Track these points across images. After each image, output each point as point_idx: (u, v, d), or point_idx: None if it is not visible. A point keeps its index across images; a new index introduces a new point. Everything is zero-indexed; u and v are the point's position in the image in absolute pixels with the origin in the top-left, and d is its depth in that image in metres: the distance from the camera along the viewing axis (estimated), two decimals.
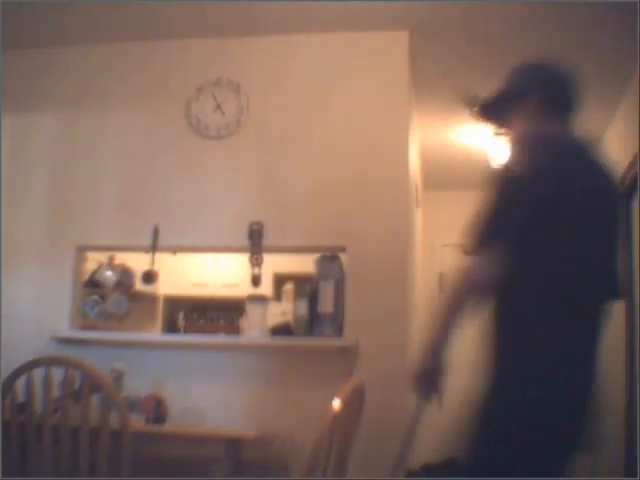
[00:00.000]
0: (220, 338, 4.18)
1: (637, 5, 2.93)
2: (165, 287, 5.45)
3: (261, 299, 3.42)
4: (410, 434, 2.05)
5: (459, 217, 6.92)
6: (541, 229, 1.67)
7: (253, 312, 3.39)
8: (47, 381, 2.17)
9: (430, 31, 3.49)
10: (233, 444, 2.67)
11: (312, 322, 3.27)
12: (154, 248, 3.48)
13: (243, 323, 3.53)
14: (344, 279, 3.28)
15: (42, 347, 3.13)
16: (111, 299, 4.29)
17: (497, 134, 4.29)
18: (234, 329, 4.35)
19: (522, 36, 3.50)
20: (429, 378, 1.86)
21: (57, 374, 2.18)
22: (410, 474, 3.41)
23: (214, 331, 5.34)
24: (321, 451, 1.65)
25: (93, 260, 4.32)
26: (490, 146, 4.80)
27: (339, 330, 3.23)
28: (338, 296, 3.24)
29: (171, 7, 3.37)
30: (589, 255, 1.72)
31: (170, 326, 5.85)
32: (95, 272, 4.45)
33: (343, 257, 3.33)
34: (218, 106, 3.59)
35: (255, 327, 3.35)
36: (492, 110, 2.05)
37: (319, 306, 3.25)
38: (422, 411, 1.99)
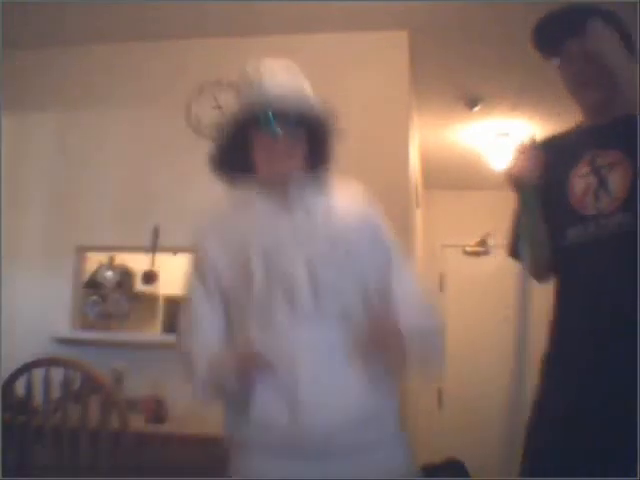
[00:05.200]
0: None
1: (637, 5, 2.93)
2: (165, 287, 5.44)
3: None
4: None
5: (459, 217, 6.96)
6: None
7: None
8: (47, 381, 2.17)
9: (430, 31, 3.49)
10: None
11: None
12: (154, 248, 3.47)
13: None
14: None
15: (42, 347, 3.12)
16: (111, 299, 4.28)
17: None
18: None
19: (522, 36, 3.49)
20: None
21: (57, 374, 2.18)
22: None
23: None
24: None
25: (93, 260, 4.31)
26: (490, 146, 4.81)
27: None
28: None
29: (171, 7, 3.37)
30: None
31: (170, 326, 5.84)
32: (95, 272, 4.44)
33: None
34: (219, 106, 3.59)
35: None
36: None
37: None
38: None
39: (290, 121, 1.51)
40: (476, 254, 6.00)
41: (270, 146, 1.52)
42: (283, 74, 1.62)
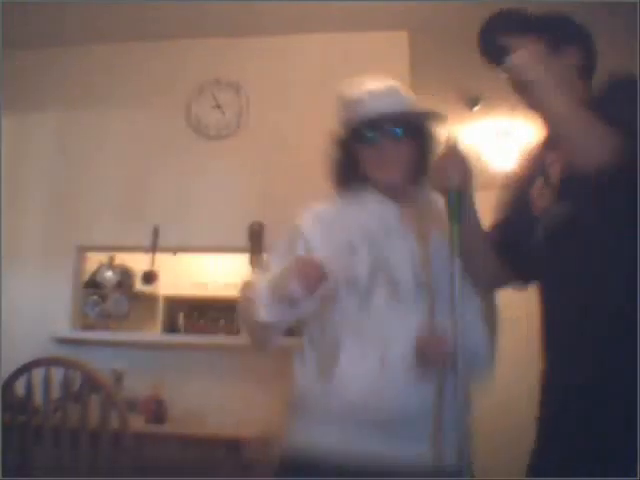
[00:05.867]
0: (220, 338, 4.18)
1: (637, 5, 2.93)
2: (165, 287, 5.44)
3: None
4: None
5: None
6: None
7: None
8: (47, 381, 2.17)
9: (430, 31, 3.49)
10: (233, 445, 2.67)
11: None
12: (154, 248, 3.48)
13: None
14: None
15: (42, 347, 3.12)
16: (111, 299, 4.29)
17: None
18: (234, 329, 4.34)
19: None
20: None
21: (57, 374, 2.18)
22: None
23: (214, 331, 5.34)
24: None
25: (93, 260, 4.31)
26: (490, 146, 4.80)
27: None
28: None
29: (171, 7, 3.38)
30: None
31: (170, 326, 5.84)
32: (95, 272, 4.44)
33: None
34: (218, 106, 3.59)
35: None
36: None
37: None
38: None
39: (390, 131, 1.61)
40: None
41: (376, 156, 1.62)
42: (381, 90, 1.70)
